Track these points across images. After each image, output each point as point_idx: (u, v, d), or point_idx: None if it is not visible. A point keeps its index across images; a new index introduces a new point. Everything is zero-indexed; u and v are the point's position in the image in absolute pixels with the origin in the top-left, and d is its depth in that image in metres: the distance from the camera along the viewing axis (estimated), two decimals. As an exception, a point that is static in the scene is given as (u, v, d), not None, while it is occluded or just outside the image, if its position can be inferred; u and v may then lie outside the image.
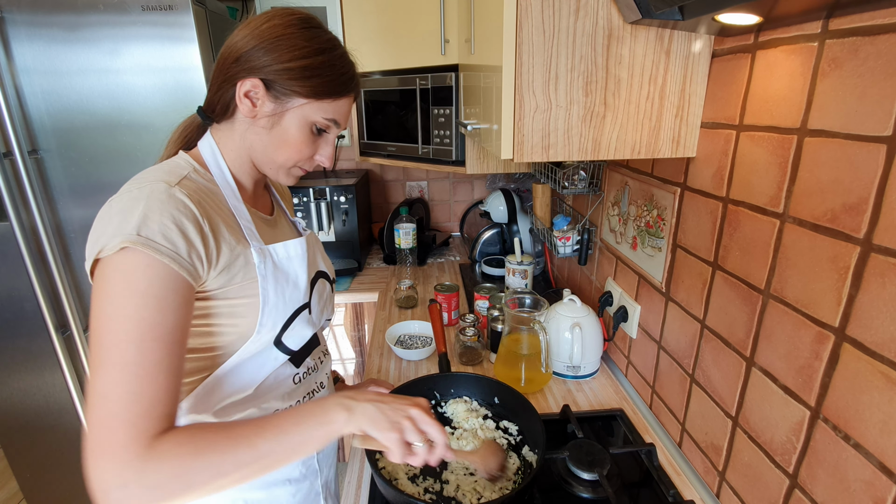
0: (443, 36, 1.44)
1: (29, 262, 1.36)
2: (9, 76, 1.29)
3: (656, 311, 0.99)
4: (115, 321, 0.53)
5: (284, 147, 0.69)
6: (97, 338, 0.53)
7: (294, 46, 0.64)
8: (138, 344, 0.53)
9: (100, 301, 0.54)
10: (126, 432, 0.51)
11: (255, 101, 0.66)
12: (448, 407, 0.99)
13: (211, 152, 0.70)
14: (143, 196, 0.57)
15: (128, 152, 1.38)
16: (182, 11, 1.28)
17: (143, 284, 0.54)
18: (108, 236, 0.54)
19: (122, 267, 0.54)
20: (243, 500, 0.73)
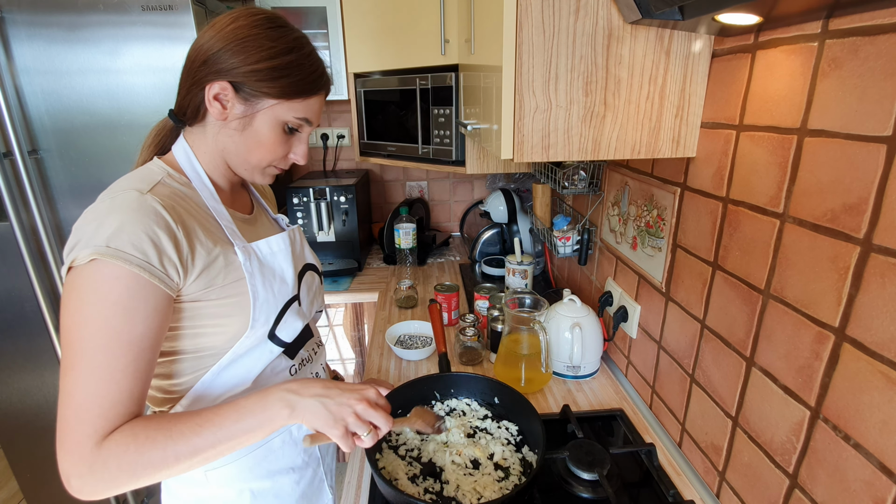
0: (443, 36, 1.44)
1: (29, 262, 1.36)
2: (9, 76, 1.29)
3: (656, 311, 0.99)
4: (84, 328, 0.56)
5: (257, 148, 0.69)
6: (67, 342, 0.56)
7: (261, 47, 0.64)
8: (105, 350, 0.56)
9: (70, 309, 0.56)
10: (83, 430, 0.55)
11: (224, 104, 0.66)
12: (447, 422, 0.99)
13: (185, 155, 0.70)
14: (115, 206, 0.58)
15: (128, 152, 1.38)
16: (182, 11, 1.28)
17: (112, 295, 0.56)
18: (80, 247, 0.56)
19: (92, 278, 0.56)
20: (249, 490, 0.75)
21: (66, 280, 0.58)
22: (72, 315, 0.56)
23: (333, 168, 2.21)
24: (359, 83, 1.80)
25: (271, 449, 0.77)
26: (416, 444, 0.90)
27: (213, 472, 0.73)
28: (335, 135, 2.16)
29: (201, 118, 0.68)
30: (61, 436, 0.56)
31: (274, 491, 0.78)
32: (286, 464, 0.78)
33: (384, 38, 1.67)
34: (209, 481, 0.74)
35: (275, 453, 0.77)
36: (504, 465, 0.85)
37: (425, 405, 1.00)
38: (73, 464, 0.55)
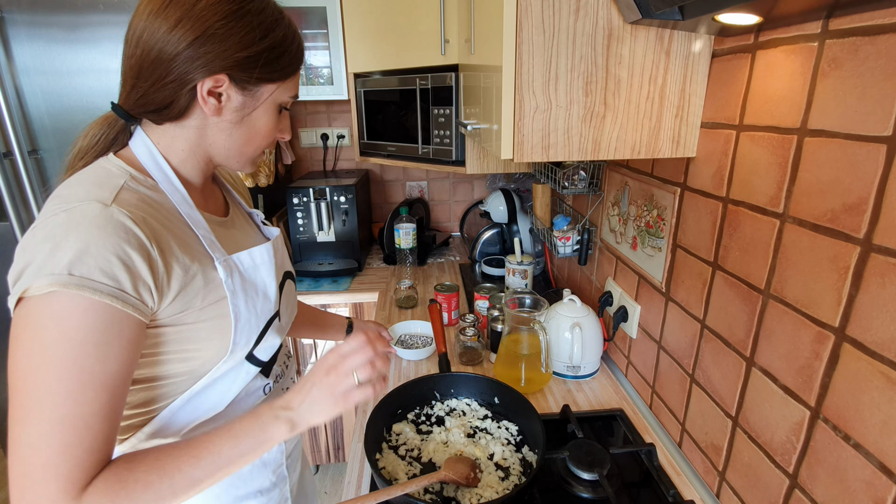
0: (443, 36, 1.44)
1: (29, 262, 1.36)
2: (9, 76, 1.29)
3: (656, 311, 0.99)
4: (46, 372, 0.46)
5: (256, 139, 0.63)
6: (23, 387, 0.47)
7: (250, 24, 0.55)
8: (76, 396, 0.47)
9: (26, 349, 0.47)
10: (58, 485, 0.46)
11: (220, 98, 0.57)
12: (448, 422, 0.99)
13: (149, 154, 0.60)
14: (74, 222, 0.48)
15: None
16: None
17: (80, 333, 0.47)
18: (32, 274, 0.46)
19: (52, 312, 0.46)
20: None
21: (17, 313, 0.48)
22: (28, 356, 0.47)
23: (333, 168, 2.21)
24: (359, 83, 1.80)
25: (240, 475, 0.70)
26: (417, 444, 0.90)
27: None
28: (335, 135, 2.16)
29: (181, 115, 0.58)
30: (25, 496, 0.46)
31: None
32: (255, 487, 0.72)
33: (384, 38, 1.67)
34: None
35: (243, 478, 0.70)
36: (504, 465, 0.85)
37: (425, 405, 1.00)
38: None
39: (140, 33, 0.54)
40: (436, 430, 0.93)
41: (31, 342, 0.47)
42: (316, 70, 1.80)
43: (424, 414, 0.99)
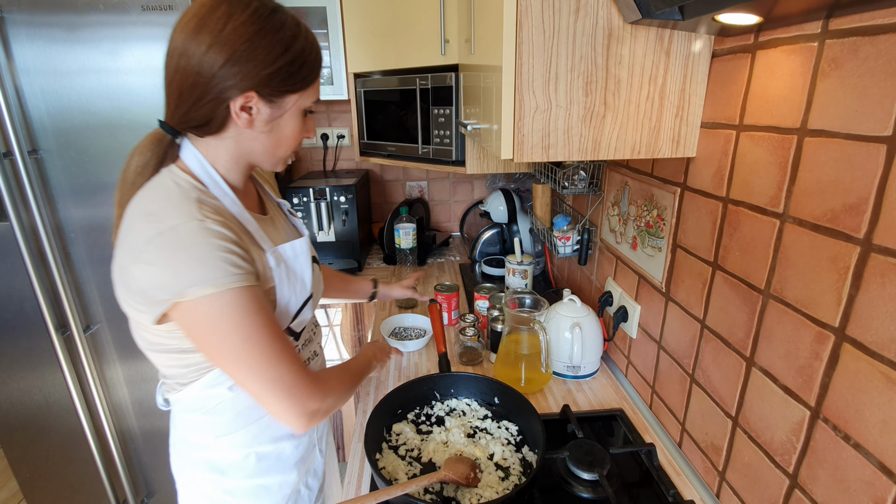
0: (443, 36, 1.44)
1: (29, 262, 1.36)
2: (9, 76, 1.29)
3: (656, 311, 0.99)
4: (251, 337, 0.63)
5: (285, 142, 0.71)
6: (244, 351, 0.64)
7: (272, 43, 0.62)
8: (270, 336, 0.65)
9: (223, 330, 0.63)
10: (306, 379, 0.68)
11: (251, 113, 0.65)
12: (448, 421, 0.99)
13: (199, 165, 0.69)
14: (185, 243, 0.60)
15: (128, 152, 1.38)
16: (182, 11, 1.28)
17: (248, 306, 0.63)
18: (179, 286, 0.60)
19: (224, 304, 0.62)
20: (254, 453, 0.80)
21: (187, 311, 0.62)
22: (232, 334, 0.63)
23: (333, 168, 2.21)
24: (359, 83, 1.80)
25: (273, 419, 0.81)
26: (417, 444, 0.90)
27: (223, 439, 0.78)
28: (335, 135, 2.16)
29: (220, 129, 0.67)
30: (295, 391, 0.66)
31: (276, 455, 0.83)
32: (286, 431, 0.84)
33: (384, 38, 1.67)
34: (220, 446, 0.78)
35: (277, 422, 0.81)
36: (504, 465, 0.85)
37: (425, 405, 1.00)
38: (315, 398, 0.68)
39: (178, 57, 0.62)
40: (436, 430, 0.93)
41: (225, 328, 0.62)
42: (316, 70, 1.80)
43: (424, 414, 0.99)
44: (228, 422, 0.77)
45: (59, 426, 1.62)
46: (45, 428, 1.62)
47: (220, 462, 0.79)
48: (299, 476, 0.88)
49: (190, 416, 0.77)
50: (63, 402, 1.58)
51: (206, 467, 0.80)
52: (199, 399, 0.74)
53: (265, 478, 0.82)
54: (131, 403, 1.64)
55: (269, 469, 0.83)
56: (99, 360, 1.57)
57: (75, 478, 1.69)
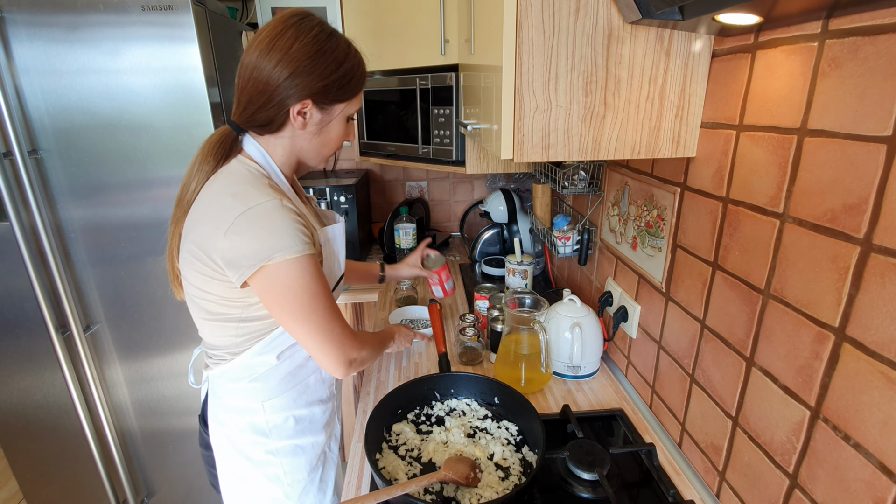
0: (443, 36, 1.44)
1: (29, 262, 1.36)
2: (9, 76, 1.29)
3: (656, 311, 0.99)
4: (317, 296, 0.77)
5: (330, 143, 0.85)
6: (311, 309, 0.77)
7: (328, 61, 0.76)
8: (328, 298, 0.79)
9: (297, 290, 0.75)
10: (351, 331, 0.84)
11: (305, 117, 0.79)
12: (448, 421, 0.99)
13: (262, 157, 0.82)
14: (270, 215, 0.73)
15: (128, 152, 1.38)
16: (182, 11, 1.28)
17: (315, 271, 0.77)
18: (267, 252, 0.72)
19: (299, 268, 0.74)
20: (293, 416, 0.92)
21: (269, 274, 0.74)
22: (303, 294, 0.76)
23: (333, 168, 2.21)
24: (359, 83, 1.80)
25: (308, 385, 0.95)
26: (417, 444, 0.90)
27: (269, 402, 0.89)
28: (335, 135, 2.15)
29: (279, 129, 0.80)
30: (341, 341, 0.81)
31: (309, 418, 0.95)
32: (318, 397, 0.97)
33: (384, 38, 1.67)
34: (265, 409, 0.89)
35: (311, 388, 0.95)
36: (504, 465, 0.85)
37: (425, 405, 1.00)
38: (354, 348, 0.83)
39: (251, 69, 0.76)
40: (436, 430, 0.93)
41: (299, 288, 0.75)
42: (316, 70, 1.80)
43: (424, 414, 0.99)
44: (273, 387, 0.88)
45: (59, 426, 1.62)
46: (45, 428, 1.62)
47: (265, 425, 0.90)
48: (326, 438, 1.00)
49: (238, 384, 0.87)
50: (63, 402, 1.58)
51: (251, 430, 0.90)
52: (250, 367, 0.86)
53: (301, 439, 0.94)
54: (131, 403, 1.64)
55: (304, 431, 0.94)
56: (99, 360, 1.57)
57: (75, 478, 1.69)
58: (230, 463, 0.93)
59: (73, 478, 1.69)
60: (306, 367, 0.93)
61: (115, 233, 1.44)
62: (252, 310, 0.81)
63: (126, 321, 1.54)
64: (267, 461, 0.91)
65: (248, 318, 0.82)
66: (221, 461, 0.94)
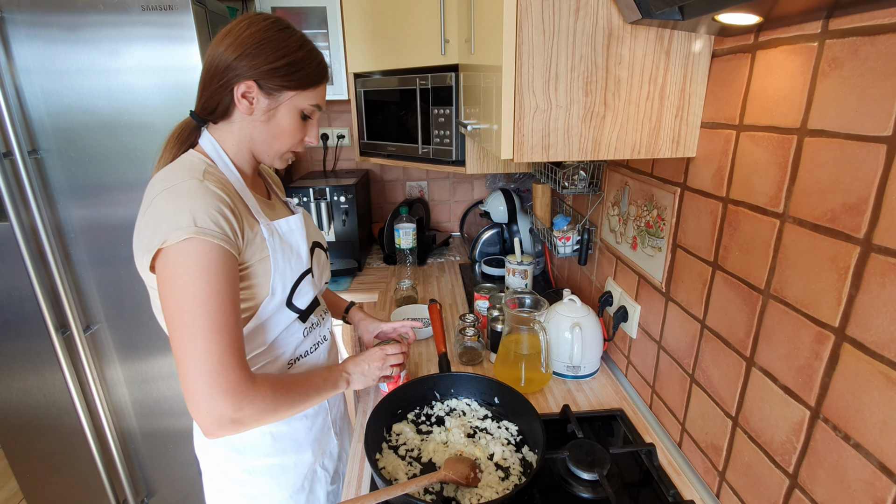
0: (443, 36, 1.44)
1: (29, 262, 1.36)
2: (9, 76, 1.29)
3: (656, 311, 0.99)
4: (200, 296, 0.65)
5: (280, 135, 0.80)
6: (185, 309, 0.65)
7: (276, 47, 0.74)
8: (222, 310, 0.67)
9: (178, 281, 0.66)
10: (237, 373, 0.67)
11: (251, 100, 0.76)
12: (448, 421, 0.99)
13: (213, 148, 0.79)
14: (184, 193, 0.68)
15: (128, 152, 1.38)
16: (182, 11, 1.28)
17: (212, 266, 0.66)
18: (165, 232, 0.65)
19: (191, 253, 0.65)
20: (269, 433, 0.86)
21: (162, 259, 0.66)
22: (184, 287, 0.66)
23: (333, 168, 2.21)
24: (359, 83, 1.80)
25: None
26: (417, 444, 0.90)
27: None
28: (335, 135, 2.16)
29: (228, 115, 0.78)
30: (212, 385, 0.65)
31: (291, 434, 0.89)
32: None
33: (384, 38, 1.67)
34: None
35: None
36: (504, 465, 0.85)
37: (425, 405, 1.00)
38: (235, 402, 0.66)
39: (209, 57, 0.76)
40: (436, 430, 0.93)
41: (181, 277, 0.65)
42: (316, 70, 1.80)
43: (424, 414, 0.99)
44: None
45: (59, 426, 1.62)
46: (45, 428, 1.62)
47: (238, 441, 0.85)
48: (314, 456, 0.94)
49: None
50: (63, 402, 1.58)
51: (226, 447, 0.86)
52: None
53: (281, 457, 0.88)
54: (131, 403, 1.64)
55: (285, 449, 0.89)
56: (99, 360, 1.57)
57: (75, 478, 1.69)
58: (211, 477, 0.90)
59: (73, 478, 1.69)
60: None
61: (115, 233, 1.44)
62: None
63: (126, 321, 1.54)
64: (243, 480, 0.87)
65: None
66: (204, 474, 0.91)
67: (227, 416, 0.67)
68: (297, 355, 0.88)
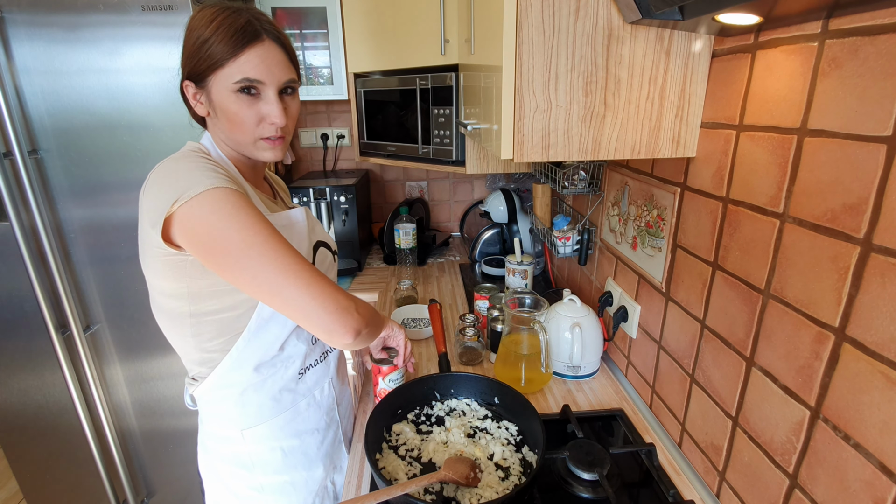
0: (443, 36, 1.44)
1: (29, 262, 1.36)
2: (9, 76, 1.29)
3: (656, 311, 0.99)
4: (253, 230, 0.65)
5: (234, 123, 0.73)
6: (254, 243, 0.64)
7: (189, 36, 0.71)
8: (275, 238, 0.66)
9: (222, 226, 0.64)
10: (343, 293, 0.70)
11: (199, 100, 0.74)
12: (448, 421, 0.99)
13: (210, 145, 0.78)
14: (181, 163, 0.68)
15: (128, 152, 1.38)
16: (182, 11, 1.28)
17: (241, 201, 0.65)
18: (180, 189, 0.63)
19: (216, 198, 0.64)
20: (280, 448, 0.84)
21: (184, 221, 0.64)
22: (232, 229, 0.64)
23: (333, 168, 2.21)
24: (359, 83, 1.80)
25: (298, 411, 0.86)
26: (417, 444, 0.90)
27: (249, 431, 0.82)
28: (335, 135, 2.16)
29: (198, 118, 0.78)
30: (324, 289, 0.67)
31: (302, 449, 0.87)
32: (311, 425, 0.88)
33: (384, 38, 1.67)
34: (245, 439, 0.82)
35: (301, 415, 0.86)
36: (504, 465, 0.85)
37: (425, 405, 1.00)
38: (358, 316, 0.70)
39: None
40: (436, 430, 0.93)
41: (221, 222, 0.64)
42: (316, 70, 1.80)
43: (424, 414, 0.99)
44: (252, 414, 0.81)
45: (59, 426, 1.62)
46: (45, 428, 1.62)
47: (248, 458, 0.83)
48: (325, 472, 0.91)
49: (215, 408, 0.81)
50: (63, 402, 1.58)
51: (234, 463, 0.83)
52: (226, 385, 0.78)
53: (292, 473, 0.86)
54: (131, 403, 1.64)
55: (296, 465, 0.86)
56: (99, 360, 1.57)
57: (75, 478, 1.69)
58: (215, 494, 0.88)
59: (73, 478, 1.69)
60: (295, 390, 0.84)
61: (115, 233, 1.44)
62: (200, 300, 0.72)
63: (126, 321, 1.54)
64: (252, 497, 0.84)
65: (198, 314, 0.73)
66: (208, 491, 0.89)
67: (359, 316, 0.71)
68: (307, 365, 0.87)
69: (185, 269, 0.69)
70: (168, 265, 0.69)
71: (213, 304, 0.73)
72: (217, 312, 0.74)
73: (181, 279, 0.70)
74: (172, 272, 0.70)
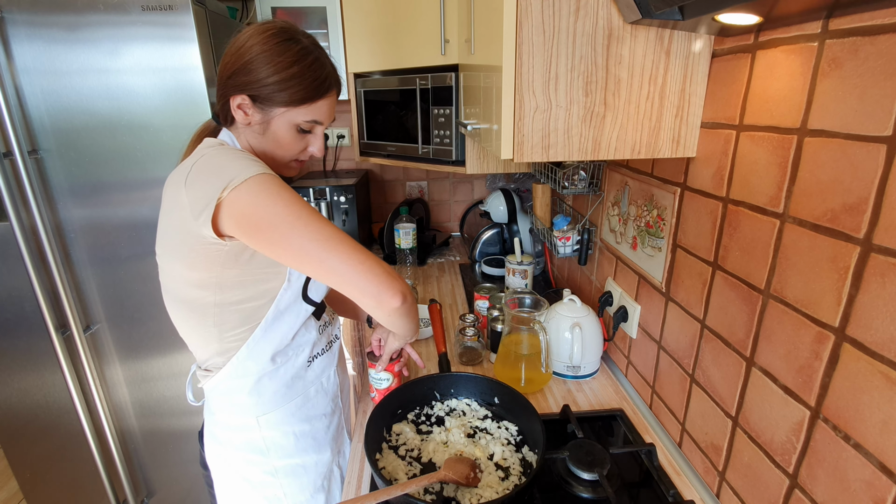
0: (443, 36, 1.44)
1: (29, 262, 1.36)
2: (9, 76, 1.29)
3: (656, 311, 0.99)
4: (302, 207, 0.70)
5: (277, 147, 0.82)
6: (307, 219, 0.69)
7: (269, 63, 0.75)
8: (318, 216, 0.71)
9: (273, 205, 0.69)
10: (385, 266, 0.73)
11: (246, 112, 0.78)
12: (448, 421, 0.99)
13: (232, 141, 0.82)
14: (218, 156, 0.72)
15: (128, 152, 1.38)
16: (182, 11, 1.28)
17: (283, 185, 0.71)
18: (228, 177, 0.68)
19: (266, 181, 0.69)
20: (293, 432, 0.89)
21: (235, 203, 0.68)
22: (287, 204, 0.69)
23: (333, 168, 2.21)
24: (359, 83, 1.80)
25: (308, 397, 0.91)
26: (417, 444, 0.90)
27: (264, 417, 0.86)
28: (335, 135, 2.16)
29: (232, 122, 0.82)
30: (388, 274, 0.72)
31: (312, 433, 0.92)
32: (319, 410, 0.93)
33: (384, 38, 1.67)
34: (260, 425, 0.86)
35: (311, 401, 0.91)
36: (504, 465, 0.85)
37: (425, 405, 1.00)
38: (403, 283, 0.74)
39: (221, 62, 0.80)
40: (436, 430, 0.93)
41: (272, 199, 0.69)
42: (316, 70, 1.80)
43: (424, 414, 0.99)
44: (268, 401, 0.85)
45: (59, 426, 1.62)
46: (45, 428, 1.62)
47: (262, 443, 0.86)
48: (332, 455, 0.97)
49: (230, 398, 0.84)
50: (63, 402, 1.58)
51: (248, 450, 0.87)
52: (241, 375, 0.81)
53: (303, 457, 0.91)
54: (131, 403, 1.64)
55: (307, 448, 0.91)
56: (99, 360, 1.57)
57: (75, 478, 1.69)
58: (227, 484, 0.90)
59: (73, 478, 1.69)
60: (305, 377, 0.89)
61: (115, 233, 1.44)
62: (227, 290, 0.75)
63: (126, 321, 1.54)
64: (266, 482, 0.88)
65: (223, 303, 0.76)
66: (219, 482, 0.92)
67: (404, 288, 0.74)
68: (315, 353, 0.91)
69: (220, 258, 0.73)
70: (202, 255, 0.72)
71: (238, 293, 0.77)
72: (241, 302, 0.78)
73: (213, 269, 0.74)
74: (205, 262, 0.73)
